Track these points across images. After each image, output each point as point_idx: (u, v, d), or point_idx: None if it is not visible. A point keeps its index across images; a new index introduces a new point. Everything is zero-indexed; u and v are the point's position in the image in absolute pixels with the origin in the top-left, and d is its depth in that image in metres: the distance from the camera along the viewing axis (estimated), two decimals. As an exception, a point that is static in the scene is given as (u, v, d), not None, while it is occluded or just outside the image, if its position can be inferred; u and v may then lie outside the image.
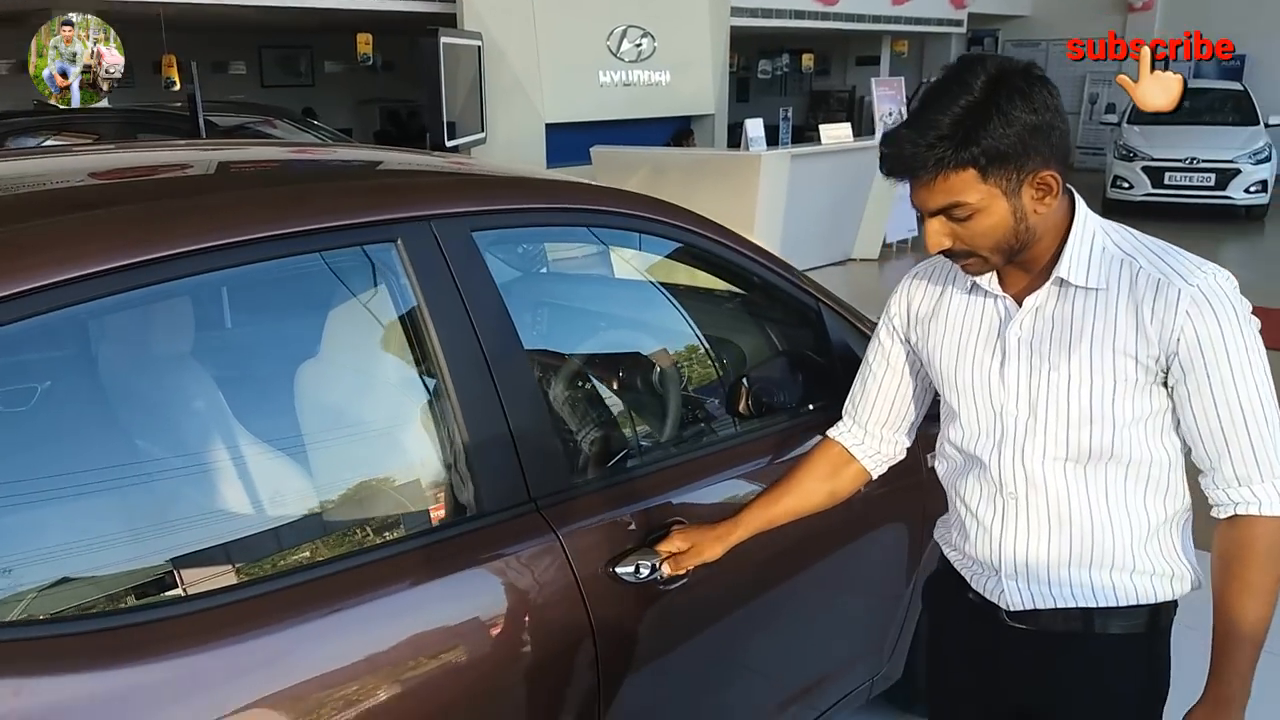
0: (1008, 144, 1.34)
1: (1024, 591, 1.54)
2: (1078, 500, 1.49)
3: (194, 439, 1.53)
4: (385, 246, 1.58)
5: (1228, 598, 1.44)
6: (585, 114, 10.02)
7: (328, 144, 4.93)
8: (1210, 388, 1.39)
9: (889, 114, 10.39)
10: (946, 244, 1.42)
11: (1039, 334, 1.47)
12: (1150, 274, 1.40)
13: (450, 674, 1.52)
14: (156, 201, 1.46)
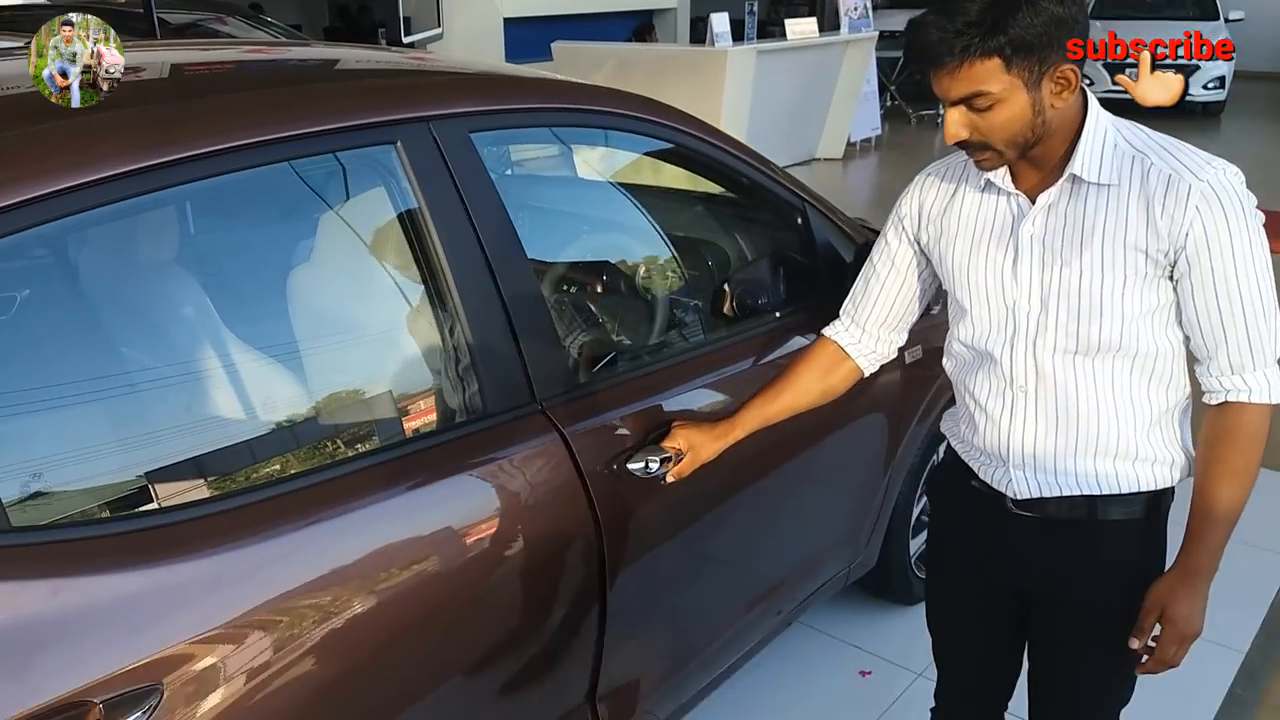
0: (1034, 34, 1.34)
1: (1031, 481, 1.60)
2: (1085, 392, 1.53)
3: (201, 345, 1.53)
4: (385, 149, 1.57)
5: (1208, 478, 1.51)
6: (544, 7, 9.78)
7: (297, 43, 4.77)
8: (1214, 280, 1.43)
9: (854, 8, 10.23)
10: (964, 135, 1.43)
11: (1052, 230, 1.50)
12: (1161, 170, 1.43)
13: (466, 566, 1.57)
14: (147, 107, 1.43)
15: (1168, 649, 1.55)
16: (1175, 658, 1.56)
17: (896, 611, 3.00)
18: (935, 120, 11.98)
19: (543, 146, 2.19)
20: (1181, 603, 1.52)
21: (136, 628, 1.22)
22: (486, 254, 1.63)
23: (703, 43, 8.82)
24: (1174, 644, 1.54)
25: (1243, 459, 1.50)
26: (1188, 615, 1.52)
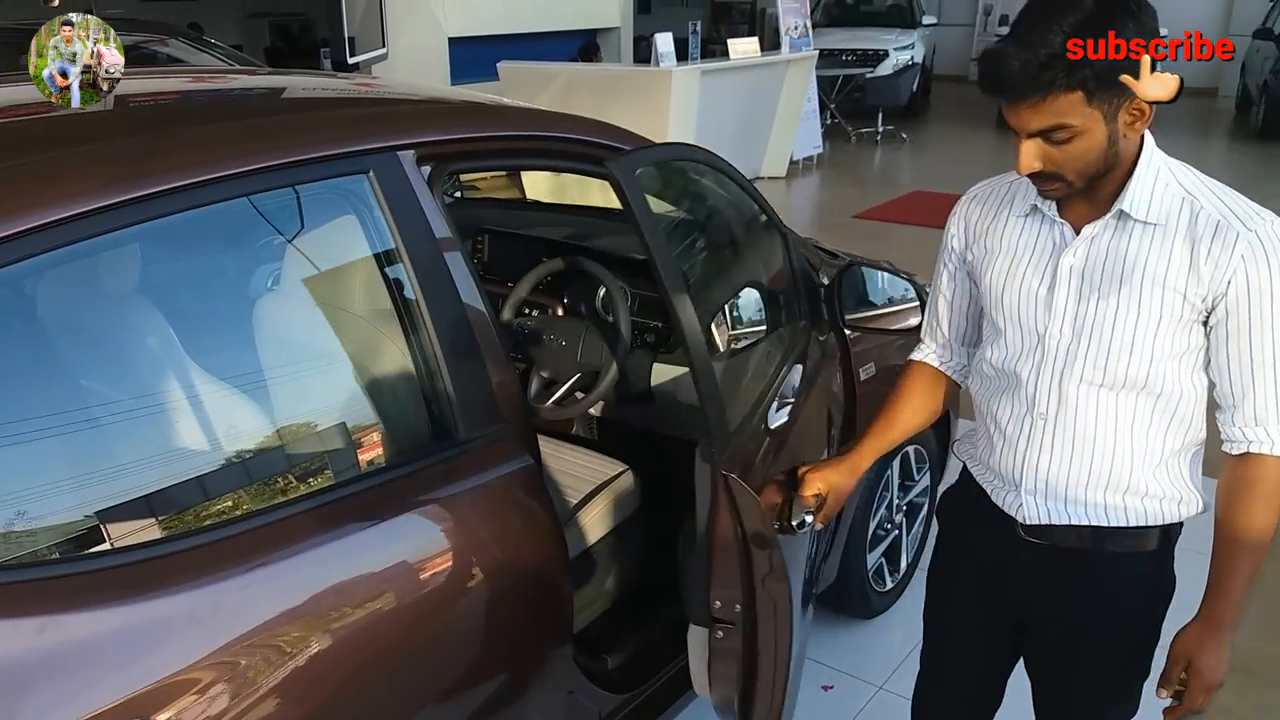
0: (1121, 64, 1.32)
1: (1041, 507, 1.61)
2: (1105, 425, 1.54)
3: (173, 381, 1.52)
4: (358, 178, 1.59)
5: (1230, 530, 1.51)
6: (488, 27, 9.78)
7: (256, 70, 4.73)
8: (1250, 330, 1.43)
9: (794, 27, 10.40)
10: (1037, 166, 1.42)
11: (1092, 262, 1.50)
12: (1210, 214, 1.43)
13: (444, 594, 1.59)
14: (120, 140, 1.43)
15: (1195, 698, 1.55)
16: (1202, 705, 1.57)
17: (856, 626, 3.06)
18: (874, 138, 12.21)
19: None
20: (1208, 653, 1.53)
21: (121, 664, 1.22)
22: (454, 281, 1.65)
23: (647, 62, 8.91)
24: (1200, 693, 1.55)
25: (1263, 511, 1.50)
26: (1213, 665, 1.53)
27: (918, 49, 13.85)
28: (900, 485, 3.04)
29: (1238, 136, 13.10)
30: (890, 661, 2.93)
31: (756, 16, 17.74)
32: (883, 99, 12.36)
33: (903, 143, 12.25)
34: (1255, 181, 10.48)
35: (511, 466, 1.71)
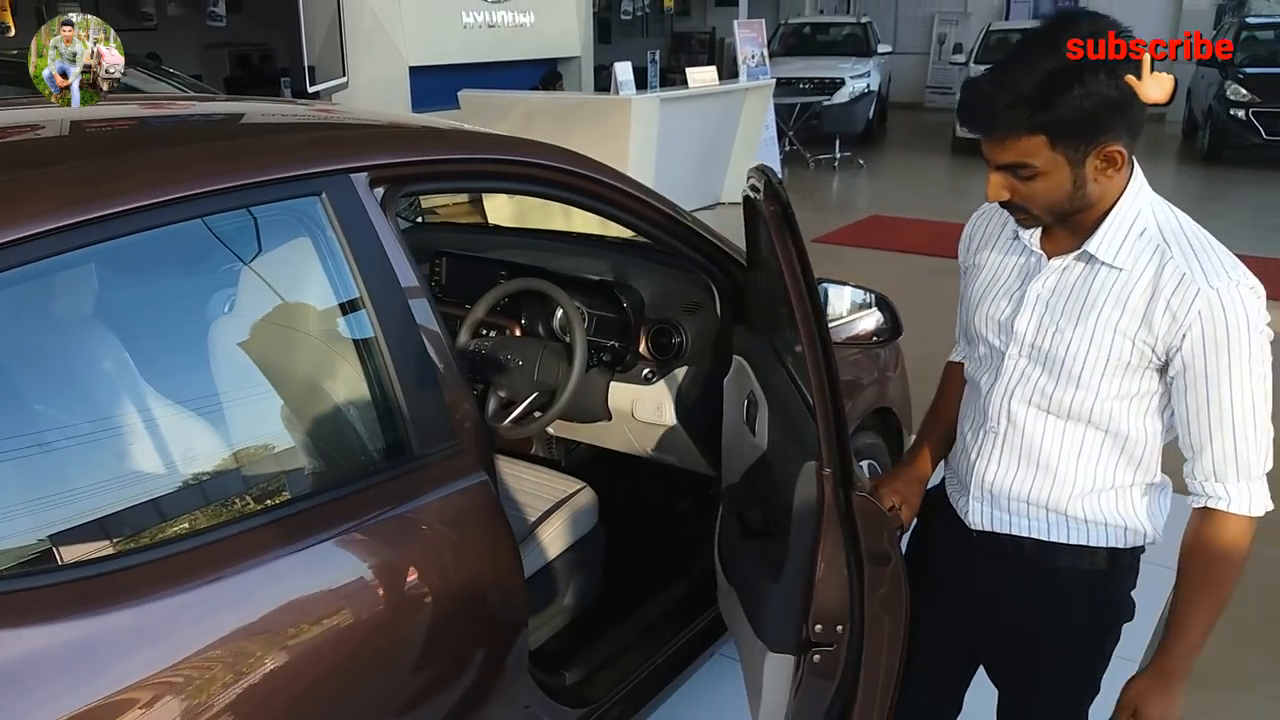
0: (1082, 116, 1.37)
1: (985, 514, 1.68)
2: (1050, 448, 1.59)
3: (128, 401, 1.54)
4: (310, 200, 1.62)
5: (1184, 585, 1.54)
6: (449, 56, 9.84)
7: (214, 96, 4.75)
8: (1206, 388, 1.45)
9: (751, 56, 10.56)
10: (1004, 196, 1.48)
11: (1057, 294, 1.55)
12: (1178, 266, 1.44)
13: (398, 607, 1.61)
14: (75, 164, 1.45)
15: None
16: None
17: (813, 638, 3.10)
18: (832, 164, 12.40)
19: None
20: (1154, 704, 1.56)
21: (73, 679, 1.23)
22: (408, 301, 1.68)
23: (607, 91, 9.01)
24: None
25: (1217, 568, 1.52)
26: (1160, 715, 1.56)
27: (873, 77, 14.11)
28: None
29: (1185, 160, 13.44)
30: (848, 674, 2.97)
31: (716, 46, 17.99)
32: (840, 126, 12.56)
33: (860, 169, 12.45)
34: (1200, 203, 10.75)
35: (466, 482, 1.73)
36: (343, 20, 8.73)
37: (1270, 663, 3.07)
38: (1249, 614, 3.33)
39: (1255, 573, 3.48)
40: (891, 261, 7.63)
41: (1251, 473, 1.49)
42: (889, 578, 1.70)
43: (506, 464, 2.46)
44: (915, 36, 18.79)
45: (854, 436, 2.90)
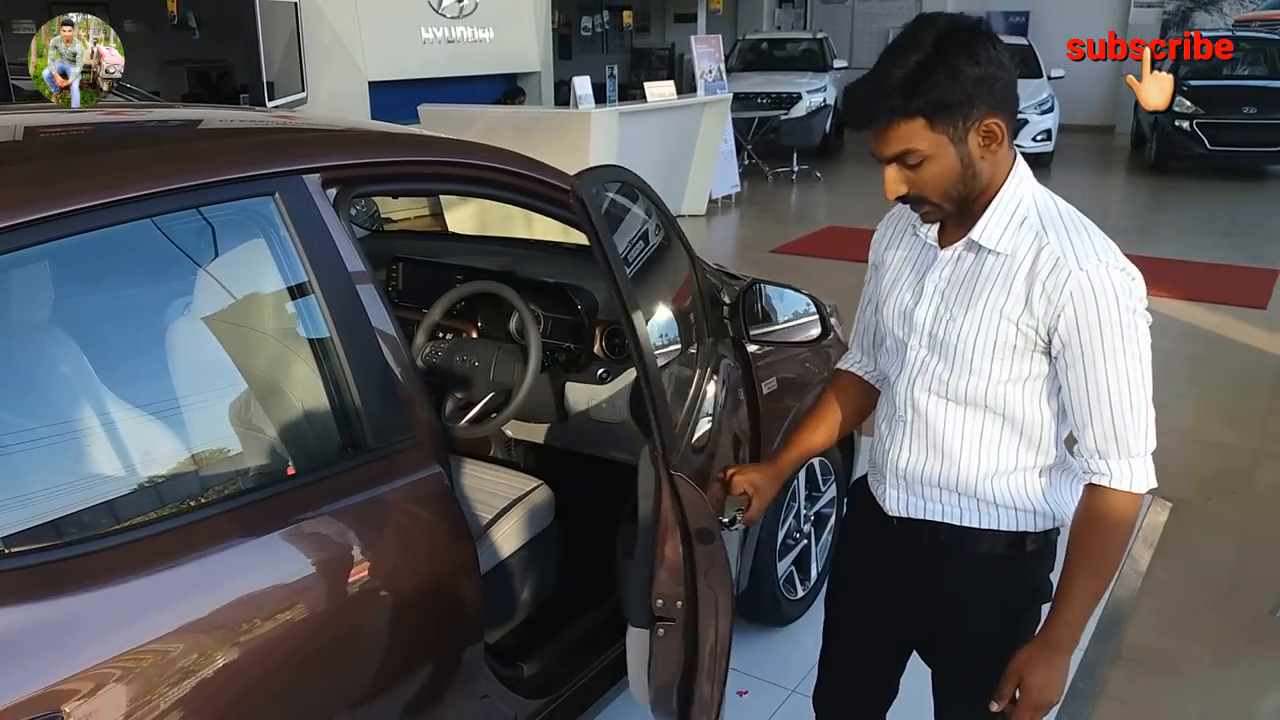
0: (953, 95, 1.45)
1: (901, 500, 1.74)
2: (953, 434, 1.65)
3: (82, 395, 1.58)
4: (264, 200, 1.67)
5: (1074, 556, 1.60)
6: (409, 71, 9.87)
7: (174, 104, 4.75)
8: (1082, 366, 1.52)
9: (709, 71, 10.69)
10: (902, 190, 1.54)
11: (951, 284, 1.61)
12: (1053, 251, 1.51)
13: (355, 596, 1.65)
14: (26, 165, 1.49)
15: (1023, 714, 1.62)
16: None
17: (768, 633, 3.16)
18: (790, 177, 12.56)
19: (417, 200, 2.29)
20: (1037, 672, 1.60)
21: (38, 659, 1.26)
22: (361, 300, 1.73)
23: (568, 106, 9.08)
24: (1028, 710, 1.61)
25: (1101, 543, 1.57)
26: (1042, 685, 1.60)
27: (829, 91, 14.31)
28: (807, 496, 3.16)
29: (1134, 170, 13.76)
30: (802, 666, 3.02)
31: (675, 62, 18.15)
32: (797, 140, 12.73)
33: (817, 181, 12.62)
34: (1149, 212, 11.03)
35: (420, 474, 1.78)
36: (301, 36, 8.75)
37: (1209, 650, 3.18)
38: (1190, 601, 3.45)
39: (1196, 563, 3.64)
40: (848, 270, 7.70)
41: (1132, 450, 1.55)
42: (713, 557, 1.79)
43: (464, 464, 2.50)
44: (870, 52, 18.92)
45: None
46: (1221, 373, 5.84)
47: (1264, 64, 12.87)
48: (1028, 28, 17.10)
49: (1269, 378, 5.66)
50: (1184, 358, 6.01)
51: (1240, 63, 12.95)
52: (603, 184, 2.03)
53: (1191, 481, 4.35)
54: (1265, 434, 4.86)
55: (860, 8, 19.22)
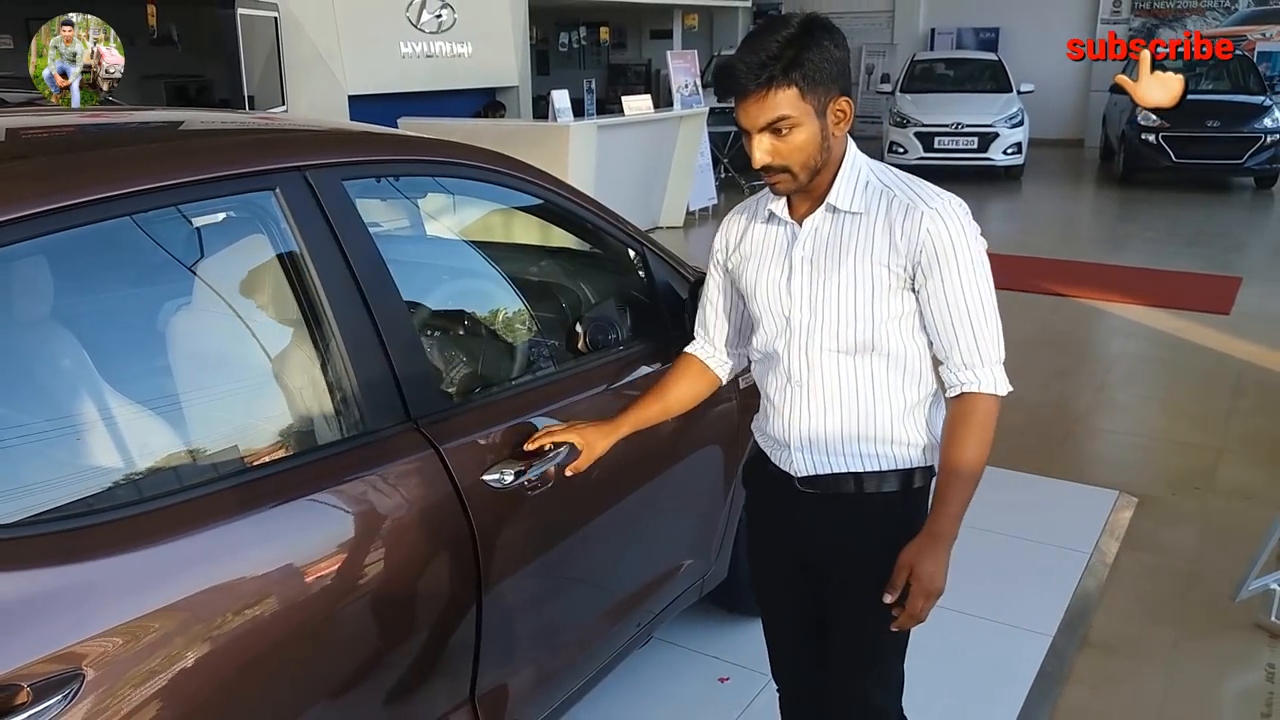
0: (822, 70, 1.65)
1: (808, 460, 1.87)
2: (848, 385, 1.82)
3: (108, 377, 1.66)
4: (265, 195, 1.76)
5: (949, 455, 1.78)
6: (388, 85, 9.98)
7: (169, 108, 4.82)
8: (944, 289, 1.73)
9: (685, 86, 10.85)
10: (769, 159, 1.71)
11: (816, 250, 1.79)
12: (902, 200, 1.74)
13: (352, 572, 1.73)
14: (55, 156, 1.57)
15: (915, 602, 1.76)
16: (922, 612, 1.78)
17: (748, 623, 3.24)
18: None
19: (408, 201, 2.39)
20: (926, 562, 1.75)
21: (59, 620, 1.34)
22: (361, 289, 1.82)
23: (546, 119, 9.19)
24: (920, 598, 1.76)
25: (975, 437, 1.76)
26: (931, 573, 1.75)
27: (805, 106, 14.47)
28: (784, 490, 3.26)
29: (1103, 182, 14.03)
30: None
31: (652, 78, 18.33)
32: (773, 153, 12.86)
33: (794, 194, 12.77)
34: (1118, 223, 11.27)
35: (419, 456, 1.87)
36: (281, 50, 8.83)
37: (1173, 634, 3.30)
38: (1155, 589, 3.57)
39: (1161, 554, 3.77)
40: (823, 280, 7.90)
41: (991, 358, 1.76)
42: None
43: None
44: (845, 67, 19.28)
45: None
46: (1186, 376, 6.00)
47: (1227, 79, 13.18)
48: (998, 44, 17.42)
49: (1231, 381, 5.81)
50: (1151, 361, 6.18)
51: (1204, 78, 13.26)
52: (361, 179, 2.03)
53: (1157, 478, 4.49)
54: (1227, 434, 5.01)
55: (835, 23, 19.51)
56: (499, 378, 2.47)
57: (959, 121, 13.22)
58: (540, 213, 2.45)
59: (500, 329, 2.64)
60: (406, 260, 2.50)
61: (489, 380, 2.40)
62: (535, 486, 2.05)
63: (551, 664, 2.32)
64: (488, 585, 1.98)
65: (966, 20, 18.12)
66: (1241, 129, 12.18)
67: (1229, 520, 4.10)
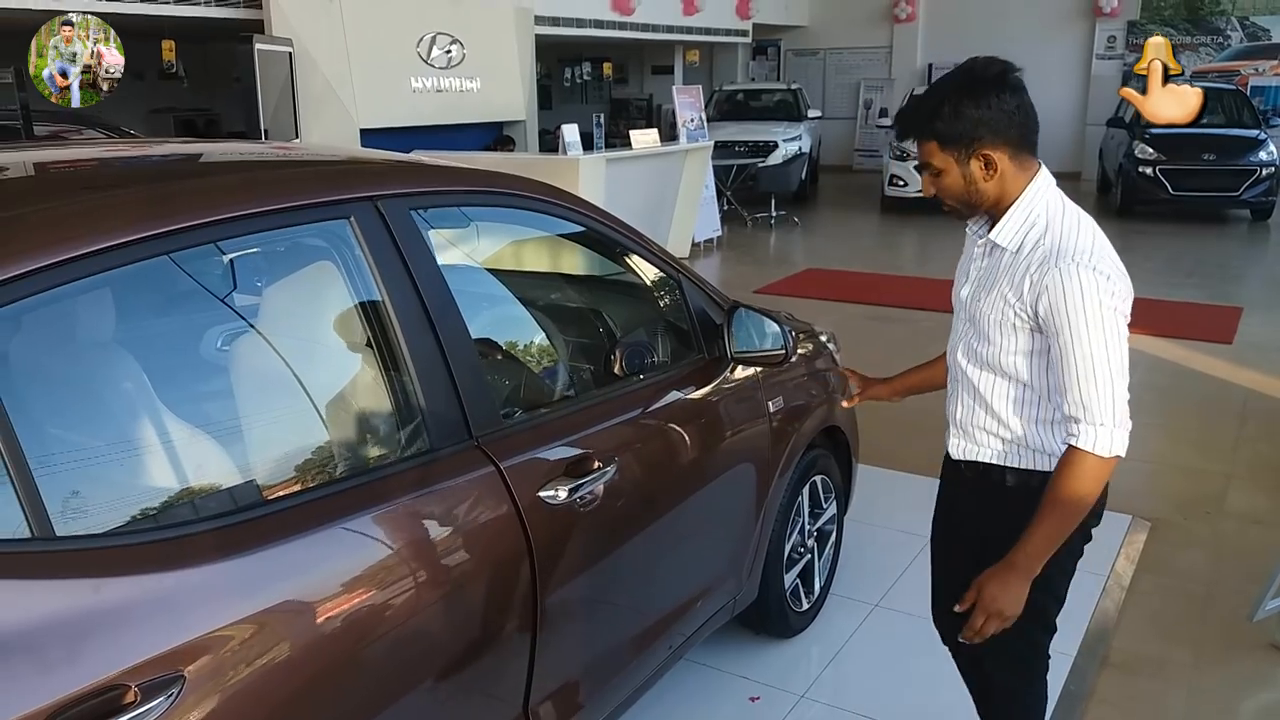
0: (955, 130, 1.89)
1: (957, 445, 2.15)
2: (985, 390, 2.05)
3: (209, 391, 1.75)
4: (340, 223, 1.85)
5: (1044, 501, 1.91)
6: (399, 119, 10.11)
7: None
8: (1059, 344, 1.87)
9: (690, 120, 11.02)
10: (931, 191, 2.01)
11: (983, 270, 2.03)
12: (1045, 250, 1.88)
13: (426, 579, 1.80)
14: (151, 185, 1.67)
15: (976, 619, 1.94)
16: (983, 629, 1.94)
17: (774, 643, 3.31)
18: (768, 222, 12.87)
19: (468, 229, 2.48)
20: (993, 584, 1.92)
21: (162, 624, 1.41)
22: (429, 312, 1.91)
23: (551, 152, 9.32)
24: (981, 615, 1.93)
25: (1065, 491, 1.88)
26: (994, 595, 1.91)
27: (805, 140, 14.69)
28: (810, 513, 3.33)
29: (1101, 214, 14.04)
30: (809, 674, 3.19)
31: (653, 112, 18.55)
32: (774, 186, 13.07)
33: (795, 226, 12.95)
34: (1117, 253, 11.38)
35: (481, 472, 1.95)
36: (296, 84, 8.97)
37: (1191, 654, 3.36)
38: (1171, 611, 3.64)
39: (1176, 576, 3.84)
40: (828, 309, 8.00)
41: (1098, 419, 1.85)
42: None
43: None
44: (843, 103, 19.58)
45: (806, 451, 3.16)
46: (1192, 404, 6.09)
47: (1221, 113, 13.39)
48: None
49: (1237, 408, 5.91)
50: (1157, 389, 6.26)
51: (1200, 112, 13.45)
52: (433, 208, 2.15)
53: (1168, 503, 4.56)
54: (1234, 460, 5.10)
55: (832, 59, 19.78)
56: (548, 398, 2.55)
57: (959, 154, 13.35)
58: (584, 240, 2.54)
59: (549, 351, 2.72)
60: (464, 285, 2.60)
61: (539, 401, 2.48)
62: (585, 503, 2.12)
63: (598, 679, 2.38)
64: (544, 598, 2.05)
65: (963, 55, 18.00)
66: (1237, 162, 12.36)
67: (1240, 543, 4.17)
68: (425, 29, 10.56)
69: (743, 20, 17.08)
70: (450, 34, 10.80)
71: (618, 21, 13.90)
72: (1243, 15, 17.43)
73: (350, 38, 9.64)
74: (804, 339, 3.38)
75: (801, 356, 3.28)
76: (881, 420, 5.14)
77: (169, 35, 9.39)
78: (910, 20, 18.77)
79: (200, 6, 8.46)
